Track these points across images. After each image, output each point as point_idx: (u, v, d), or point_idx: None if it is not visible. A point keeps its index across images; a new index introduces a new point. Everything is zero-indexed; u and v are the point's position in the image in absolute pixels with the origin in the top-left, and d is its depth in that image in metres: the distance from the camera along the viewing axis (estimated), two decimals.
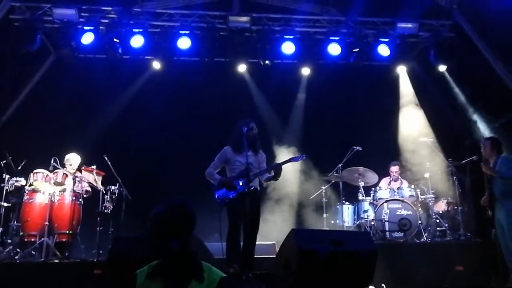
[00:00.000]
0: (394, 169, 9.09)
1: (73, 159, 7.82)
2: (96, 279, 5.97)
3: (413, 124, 10.19)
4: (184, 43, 9.10)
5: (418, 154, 9.41)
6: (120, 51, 9.12)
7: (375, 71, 10.10)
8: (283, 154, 9.46)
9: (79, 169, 7.86)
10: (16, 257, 6.93)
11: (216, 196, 6.01)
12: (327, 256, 4.39)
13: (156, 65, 9.65)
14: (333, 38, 9.48)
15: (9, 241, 7.13)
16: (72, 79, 9.36)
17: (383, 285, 5.82)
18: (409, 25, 9.29)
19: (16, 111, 9.26)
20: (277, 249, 5.17)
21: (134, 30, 9.09)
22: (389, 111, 10.45)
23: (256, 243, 5.92)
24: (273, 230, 8.95)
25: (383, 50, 9.44)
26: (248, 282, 5.18)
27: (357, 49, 9.46)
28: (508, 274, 5.88)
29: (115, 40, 9.05)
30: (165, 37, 9.35)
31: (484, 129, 9.04)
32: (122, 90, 9.99)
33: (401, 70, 10.36)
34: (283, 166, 6.04)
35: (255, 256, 5.90)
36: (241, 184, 5.78)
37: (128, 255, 4.16)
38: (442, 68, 9.53)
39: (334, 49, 9.41)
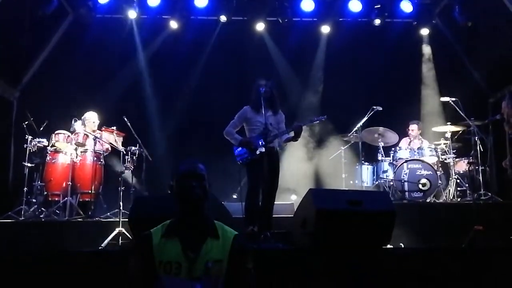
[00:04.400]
0: (412, 127, 8.96)
1: (92, 117, 7.90)
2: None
3: (436, 83, 9.99)
4: (201, 1, 8.98)
5: (439, 114, 9.26)
6: (137, 10, 9.03)
7: (397, 28, 9.83)
8: (302, 114, 9.39)
9: (99, 129, 7.94)
10: (41, 216, 7.13)
11: (236, 156, 6.03)
12: (345, 216, 4.40)
13: (174, 24, 9.54)
14: None
15: (34, 200, 7.32)
16: (90, 39, 9.34)
17: (401, 244, 5.84)
18: None
19: (36, 73, 9.31)
20: (295, 209, 5.19)
21: None
22: (411, 70, 10.22)
23: (275, 202, 5.97)
24: (292, 190, 9.02)
25: (406, 6, 9.17)
26: (266, 241, 5.24)
27: (379, 5, 9.20)
28: None
29: None
30: None
31: (507, 88, 8.82)
32: (140, 50, 9.93)
33: (424, 30, 10.00)
34: (303, 127, 6.01)
35: (274, 216, 5.96)
36: (261, 144, 5.78)
37: (149, 215, 4.22)
38: (467, 24, 9.21)
39: (355, 5, 9.18)
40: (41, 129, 7.65)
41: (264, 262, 3.97)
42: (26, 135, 7.45)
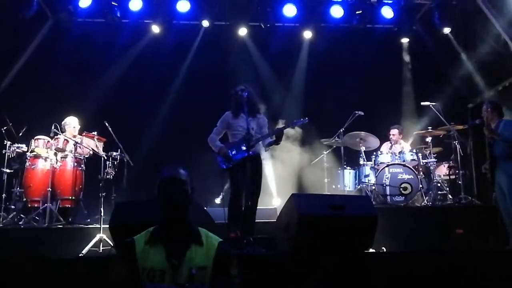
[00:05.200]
0: (393, 131, 9.05)
1: (73, 122, 7.80)
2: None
3: (415, 88, 10.11)
4: (183, 6, 8.94)
5: (420, 118, 9.38)
6: (118, 14, 8.97)
7: (378, 34, 9.93)
8: (284, 119, 9.39)
9: (79, 134, 7.84)
10: (20, 223, 7.00)
11: (218, 161, 6.01)
12: (327, 220, 4.42)
13: (155, 29, 9.47)
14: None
15: (13, 207, 7.19)
16: (70, 44, 9.23)
17: (383, 248, 5.88)
18: None
19: (15, 77, 9.17)
20: (278, 214, 5.20)
21: None
22: (391, 75, 10.33)
23: (258, 207, 5.97)
24: (274, 195, 9.03)
25: (387, 12, 9.25)
26: (249, 246, 5.23)
27: (360, 11, 9.28)
28: (508, 237, 5.92)
29: (113, 3, 8.90)
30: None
31: (487, 93, 8.97)
32: (121, 55, 9.85)
33: (405, 36, 10.11)
34: (285, 131, 6.03)
35: (256, 221, 5.96)
36: (243, 149, 5.77)
37: (130, 221, 4.18)
38: (447, 30, 9.37)
39: (336, 11, 9.23)
40: (20, 134, 7.53)
41: (247, 268, 3.96)
42: (5, 141, 7.32)
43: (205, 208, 5.86)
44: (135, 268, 2.45)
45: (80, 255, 5.86)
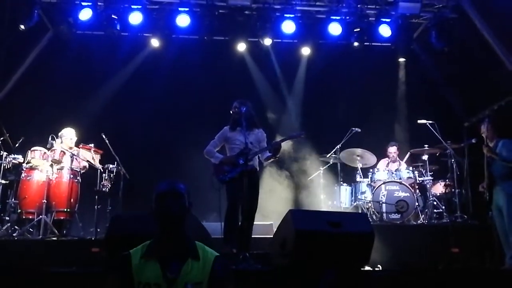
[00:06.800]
0: (392, 149, 9.08)
1: (69, 133, 7.80)
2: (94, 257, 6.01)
3: (412, 106, 10.16)
4: (183, 20, 8.98)
5: (417, 136, 9.41)
6: (118, 28, 9.02)
7: (376, 52, 10.01)
8: (282, 134, 9.41)
9: (76, 146, 7.83)
10: (14, 234, 6.95)
11: (216, 175, 6.00)
12: (324, 237, 4.41)
13: (155, 42, 9.52)
14: (334, 17, 9.35)
15: (7, 218, 7.15)
16: (69, 56, 9.25)
17: (379, 266, 5.86)
18: (411, 5, 9.16)
19: (13, 88, 9.18)
20: (274, 230, 5.18)
21: (133, 6, 8.95)
22: (389, 92, 10.40)
23: (254, 223, 5.95)
24: (271, 211, 8.99)
25: (384, 30, 9.33)
26: (245, 262, 5.20)
27: (358, 29, 9.36)
28: (503, 257, 5.91)
29: (113, 16, 8.92)
30: (164, 14, 9.21)
31: (483, 112, 9.01)
32: (120, 67, 9.89)
33: (402, 54, 10.19)
34: (283, 146, 6.05)
35: (253, 236, 5.93)
36: (241, 162, 5.77)
37: (126, 234, 4.16)
38: (444, 49, 9.45)
39: (334, 28, 9.30)
40: (17, 145, 7.52)
41: (243, 283, 3.94)
42: (1, 151, 7.30)
43: (201, 222, 5.83)
44: (131, 282, 2.43)
45: (75, 268, 5.80)
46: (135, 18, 8.91)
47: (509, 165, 5.88)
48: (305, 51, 9.99)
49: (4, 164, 7.24)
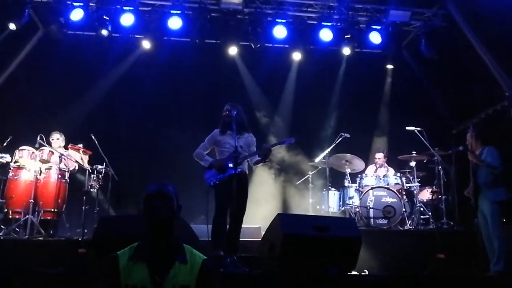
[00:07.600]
0: (378, 155, 9.14)
1: (57, 135, 7.78)
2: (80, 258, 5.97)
3: (401, 113, 10.25)
4: (175, 23, 8.98)
5: (404, 143, 9.49)
6: (109, 29, 8.99)
7: (366, 58, 10.09)
8: (271, 138, 9.46)
9: (65, 147, 7.80)
10: (0, 234, 6.89)
11: (205, 178, 6.00)
12: (312, 241, 4.44)
13: (146, 44, 9.50)
14: (325, 23, 9.44)
15: None
16: (60, 56, 9.21)
17: (365, 270, 5.89)
18: (401, 13, 9.28)
19: (2, 87, 9.10)
20: (263, 233, 5.19)
21: (125, 8, 8.94)
22: (378, 99, 10.49)
23: (242, 226, 5.95)
24: (259, 214, 9.00)
25: (375, 37, 9.42)
26: (232, 265, 5.21)
27: (349, 36, 9.44)
28: (488, 263, 5.98)
29: (104, 17, 8.90)
30: (155, 16, 9.22)
31: (471, 120, 9.12)
32: (111, 68, 9.85)
33: (391, 61, 10.29)
34: (272, 150, 6.06)
35: (241, 239, 5.93)
36: (230, 166, 5.78)
37: (113, 235, 4.15)
38: (433, 57, 9.55)
39: (325, 34, 9.36)
40: (5, 144, 7.45)
41: (231, 286, 3.94)
42: None
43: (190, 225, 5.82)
44: (118, 284, 2.42)
45: (61, 269, 5.76)
46: (127, 19, 8.89)
47: (493, 171, 5.96)
48: (296, 56, 10.04)
49: None
